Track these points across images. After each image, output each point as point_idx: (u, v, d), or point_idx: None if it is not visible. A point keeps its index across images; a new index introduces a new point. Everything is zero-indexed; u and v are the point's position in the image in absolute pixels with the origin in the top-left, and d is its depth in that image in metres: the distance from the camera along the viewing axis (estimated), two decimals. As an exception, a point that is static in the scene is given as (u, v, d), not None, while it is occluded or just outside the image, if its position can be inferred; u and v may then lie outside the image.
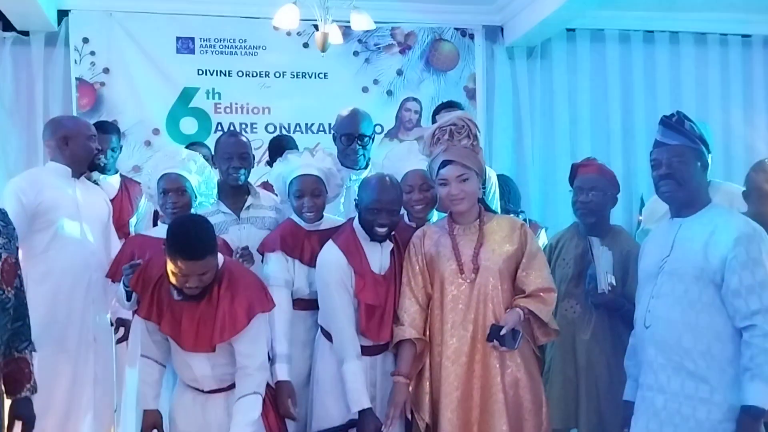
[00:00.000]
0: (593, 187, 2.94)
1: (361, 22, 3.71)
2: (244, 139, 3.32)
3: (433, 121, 3.77)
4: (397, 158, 3.09)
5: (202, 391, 2.67)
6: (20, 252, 2.45)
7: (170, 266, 2.49)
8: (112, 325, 3.38)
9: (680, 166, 2.40)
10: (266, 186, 3.61)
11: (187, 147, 4.07)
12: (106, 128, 4.06)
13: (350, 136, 3.34)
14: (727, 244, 2.30)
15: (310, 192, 2.91)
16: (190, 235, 2.49)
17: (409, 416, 2.73)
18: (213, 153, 3.90)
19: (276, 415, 2.73)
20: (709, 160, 2.47)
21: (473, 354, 2.67)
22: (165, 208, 3.00)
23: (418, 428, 2.74)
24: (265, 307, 2.64)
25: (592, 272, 2.89)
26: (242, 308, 2.56)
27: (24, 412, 2.36)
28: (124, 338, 3.42)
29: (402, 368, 2.73)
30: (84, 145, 3.23)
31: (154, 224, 3.62)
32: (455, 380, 2.67)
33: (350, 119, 3.37)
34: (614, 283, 2.82)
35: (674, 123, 2.45)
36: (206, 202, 3.12)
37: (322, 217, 2.99)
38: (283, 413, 2.73)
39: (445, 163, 2.70)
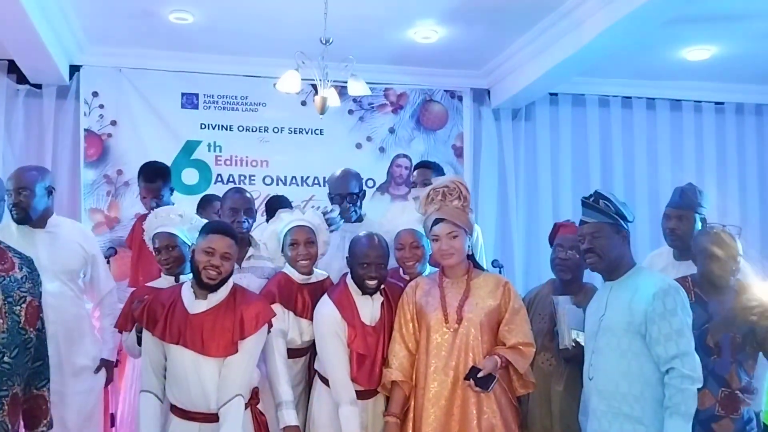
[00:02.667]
0: (572, 247, 3.17)
1: (358, 89, 4.00)
2: (249, 195, 3.60)
3: (411, 175, 4.11)
4: (391, 218, 3.38)
5: (207, 420, 2.82)
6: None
7: (200, 246, 2.82)
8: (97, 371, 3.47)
9: (599, 240, 2.74)
10: None
11: (203, 198, 4.38)
12: (152, 178, 4.24)
13: (341, 196, 3.70)
14: (647, 299, 2.63)
15: (304, 241, 3.19)
16: (223, 221, 3.12)
17: None
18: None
19: None
20: (628, 229, 2.80)
21: (453, 398, 2.89)
22: (161, 264, 3.29)
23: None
24: (271, 315, 2.94)
25: (558, 329, 3.12)
26: (257, 311, 2.86)
27: None
28: (110, 381, 3.53)
29: (393, 409, 2.97)
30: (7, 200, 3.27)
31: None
32: (434, 421, 2.89)
33: (340, 180, 3.77)
34: (579, 339, 3.02)
35: (591, 203, 2.80)
36: None
37: (313, 271, 3.25)
38: None
39: (437, 221, 2.97)
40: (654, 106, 6.12)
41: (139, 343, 3.05)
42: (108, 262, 4.04)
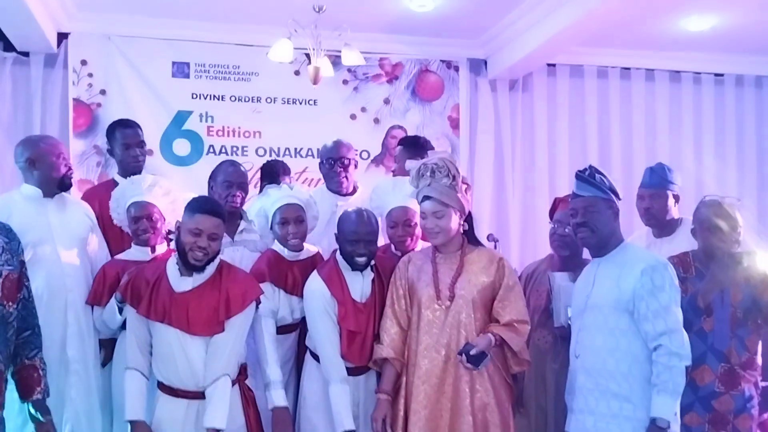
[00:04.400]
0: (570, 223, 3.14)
1: (352, 59, 3.92)
2: (243, 168, 3.53)
3: (401, 146, 4.02)
4: (382, 193, 3.30)
5: (195, 397, 2.78)
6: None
7: (187, 226, 2.74)
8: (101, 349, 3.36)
9: (593, 215, 2.70)
10: None
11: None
12: (131, 123, 3.91)
13: (331, 160, 3.65)
14: (635, 276, 2.60)
15: (294, 219, 3.12)
16: (211, 198, 3.06)
17: None
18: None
19: (256, 411, 2.90)
20: (619, 207, 2.78)
21: (444, 376, 2.85)
22: (137, 234, 3.21)
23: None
24: (259, 293, 2.88)
25: (553, 307, 3.08)
26: (244, 289, 2.81)
27: (40, 411, 2.50)
28: (108, 359, 3.40)
29: (384, 386, 2.93)
30: (50, 165, 3.23)
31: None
32: (424, 399, 2.85)
33: (333, 146, 3.73)
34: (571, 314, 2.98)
35: (587, 177, 2.75)
36: None
37: (303, 247, 3.19)
38: None
39: (425, 198, 2.91)
40: (653, 78, 6.02)
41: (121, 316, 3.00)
42: None
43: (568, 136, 5.89)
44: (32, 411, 2.51)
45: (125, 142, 3.69)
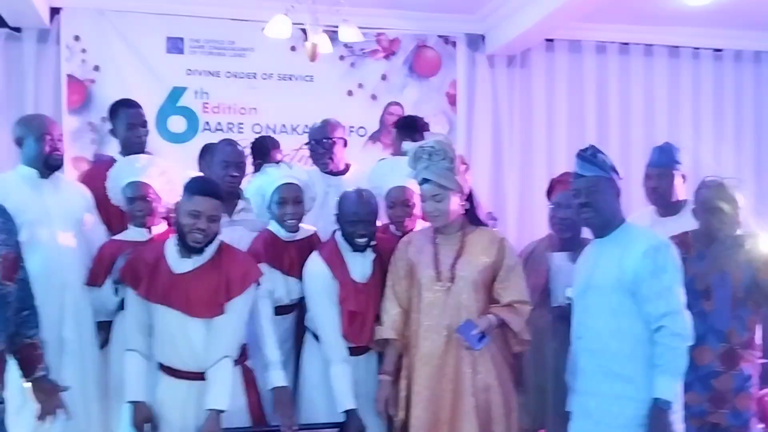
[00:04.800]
0: (571, 204, 3.08)
1: (350, 35, 3.86)
2: (241, 148, 3.49)
3: (397, 128, 3.99)
4: (381, 174, 3.28)
5: (196, 378, 2.78)
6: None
7: (185, 208, 2.71)
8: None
9: (596, 195, 2.68)
10: None
11: (204, 148, 4.18)
12: (133, 103, 3.87)
13: (315, 141, 3.66)
14: (636, 257, 2.60)
15: (293, 199, 3.10)
16: (209, 179, 3.00)
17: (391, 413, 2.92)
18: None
19: (256, 392, 2.91)
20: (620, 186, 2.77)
21: (446, 357, 2.86)
22: (133, 215, 3.18)
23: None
24: (259, 275, 2.87)
25: (552, 286, 3.08)
26: (244, 271, 2.81)
27: (45, 386, 2.52)
28: (106, 341, 3.38)
29: (386, 367, 2.95)
30: (35, 145, 3.18)
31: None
32: (426, 380, 2.86)
33: (318, 127, 3.73)
34: (572, 296, 2.96)
35: (588, 156, 2.73)
36: None
37: (299, 227, 3.17)
38: (285, 420, 2.87)
39: (424, 181, 2.89)
40: (651, 53, 5.97)
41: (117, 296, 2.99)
42: None
43: (566, 111, 5.85)
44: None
45: (129, 122, 3.66)
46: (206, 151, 4.30)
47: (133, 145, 3.63)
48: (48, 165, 3.23)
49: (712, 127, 6.03)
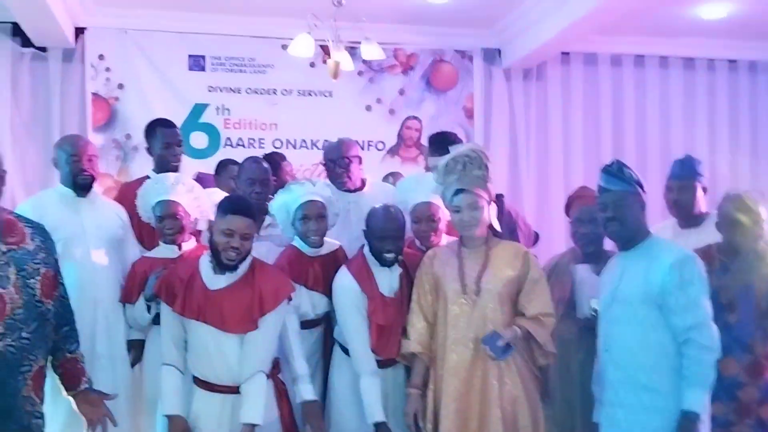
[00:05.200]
0: (592, 219, 3.14)
1: (372, 52, 3.93)
2: (266, 165, 3.56)
3: (429, 144, 4.03)
4: (406, 189, 3.33)
5: (231, 392, 2.83)
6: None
7: (219, 227, 2.77)
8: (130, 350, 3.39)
9: (623, 209, 2.72)
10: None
11: (221, 162, 4.34)
12: (170, 123, 3.93)
13: (331, 161, 3.66)
14: (663, 269, 2.63)
15: (316, 216, 3.15)
16: (242, 198, 3.06)
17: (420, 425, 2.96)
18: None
19: (289, 405, 2.96)
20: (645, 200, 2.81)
21: (473, 369, 2.89)
22: (164, 232, 3.25)
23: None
24: (291, 290, 2.93)
25: (576, 299, 3.12)
26: (276, 287, 2.86)
27: (90, 398, 2.55)
28: (138, 360, 3.44)
29: (414, 380, 2.98)
30: (65, 166, 3.27)
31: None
32: (454, 392, 2.89)
33: (332, 146, 3.74)
34: (598, 308, 2.98)
35: (615, 170, 2.77)
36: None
37: (323, 242, 3.23)
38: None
39: (458, 192, 2.93)
40: (667, 65, 6.03)
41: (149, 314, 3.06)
42: None
43: (582, 124, 5.91)
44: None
45: (166, 141, 3.75)
46: (222, 167, 4.40)
47: (168, 164, 3.71)
48: (77, 185, 3.31)
49: (728, 137, 6.07)
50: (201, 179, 3.95)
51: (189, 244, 3.30)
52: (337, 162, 3.62)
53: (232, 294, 2.81)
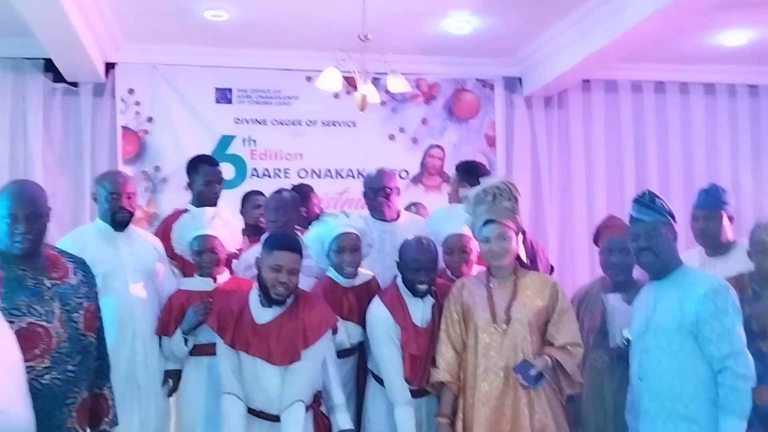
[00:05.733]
0: (622, 249, 3.16)
1: (398, 85, 4.01)
2: (285, 194, 3.71)
3: (457, 172, 4.08)
4: (438, 220, 3.38)
5: (273, 419, 2.88)
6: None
7: (267, 263, 2.84)
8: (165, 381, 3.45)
9: (655, 239, 2.75)
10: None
11: (246, 194, 4.41)
12: (214, 161, 4.06)
13: (374, 190, 3.72)
14: (697, 299, 2.65)
15: (350, 248, 3.21)
16: (288, 234, 3.13)
17: None
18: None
19: None
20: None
21: (503, 398, 2.91)
22: (201, 266, 3.33)
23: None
24: (334, 322, 3.00)
25: (608, 328, 3.14)
26: (319, 318, 2.92)
27: None
28: (174, 390, 3.50)
29: (444, 409, 3.00)
30: (102, 203, 3.35)
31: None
32: (485, 421, 2.91)
33: (375, 176, 3.79)
34: (630, 337, 3.00)
35: (647, 201, 2.80)
36: None
37: (358, 272, 3.29)
38: None
39: (487, 222, 2.97)
40: (687, 91, 6.07)
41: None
42: None
43: (604, 150, 5.95)
44: None
45: (208, 179, 3.87)
46: (247, 199, 4.48)
47: (207, 200, 3.81)
48: (116, 222, 3.38)
49: (750, 162, 6.08)
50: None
51: (223, 277, 3.36)
52: (379, 192, 3.69)
53: (278, 327, 2.88)
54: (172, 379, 3.39)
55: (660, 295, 2.78)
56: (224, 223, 3.35)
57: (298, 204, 3.81)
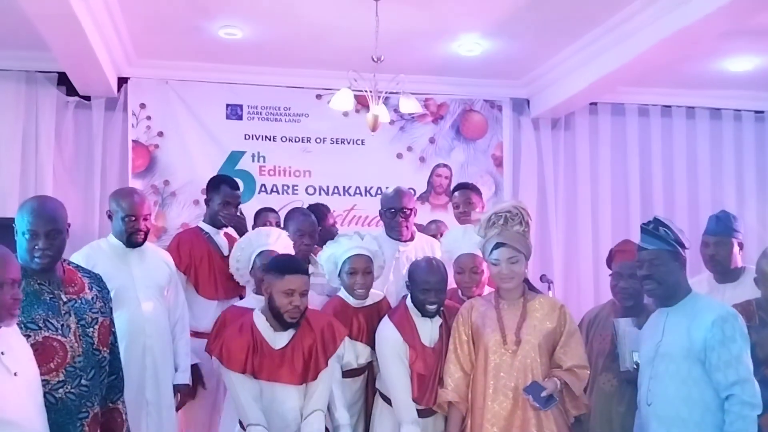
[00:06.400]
0: (632, 274, 3.18)
1: (409, 106, 4.06)
2: (314, 218, 3.69)
3: (453, 193, 4.14)
4: (452, 241, 3.42)
5: None
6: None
7: (278, 288, 2.84)
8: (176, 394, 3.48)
9: (658, 267, 2.79)
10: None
11: (258, 211, 4.44)
12: (235, 184, 4.10)
13: (393, 210, 3.74)
14: (705, 326, 2.68)
15: (363, 270, 3.25)
16: (292, 257, 3.15)
17: None
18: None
19: None
20: (686, 256, 2.86)
21: (512, 419, 2.94)
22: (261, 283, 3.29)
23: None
24: (345, 333, 3.04)
25: (618, 352, 3.17)
26: (332, 332, 2.95)
27: None
28: (183, 404, 3.53)
29: (451, 429, 3.05)
30: (117, 222, 3.40)
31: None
32: None
33: (394, 195, 3.83)
34: (640, 361, 3.01)
35: (651, 230, 2.84)
36: None
37: (368, 294, 3.32)
38: None
39: (497, 245, 3.01)
40: (693, 115, 6.11)
41: None
42: None
43: (610, 173, 5.99)
44: None
45: (226, 200, 3.93)
46: (258, 216, 4.52)
47: (223, 221, 3.88)
48: (130, 243, 3.43)
49: (755, 187, 6.12)
50: None
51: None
52: (399, 212, 3.72)
53: (294, 349, 2.90)
54: (181, 394, 3.41)
55: (669, 322, 2.82)
56: (285, 244, 3.42)
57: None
